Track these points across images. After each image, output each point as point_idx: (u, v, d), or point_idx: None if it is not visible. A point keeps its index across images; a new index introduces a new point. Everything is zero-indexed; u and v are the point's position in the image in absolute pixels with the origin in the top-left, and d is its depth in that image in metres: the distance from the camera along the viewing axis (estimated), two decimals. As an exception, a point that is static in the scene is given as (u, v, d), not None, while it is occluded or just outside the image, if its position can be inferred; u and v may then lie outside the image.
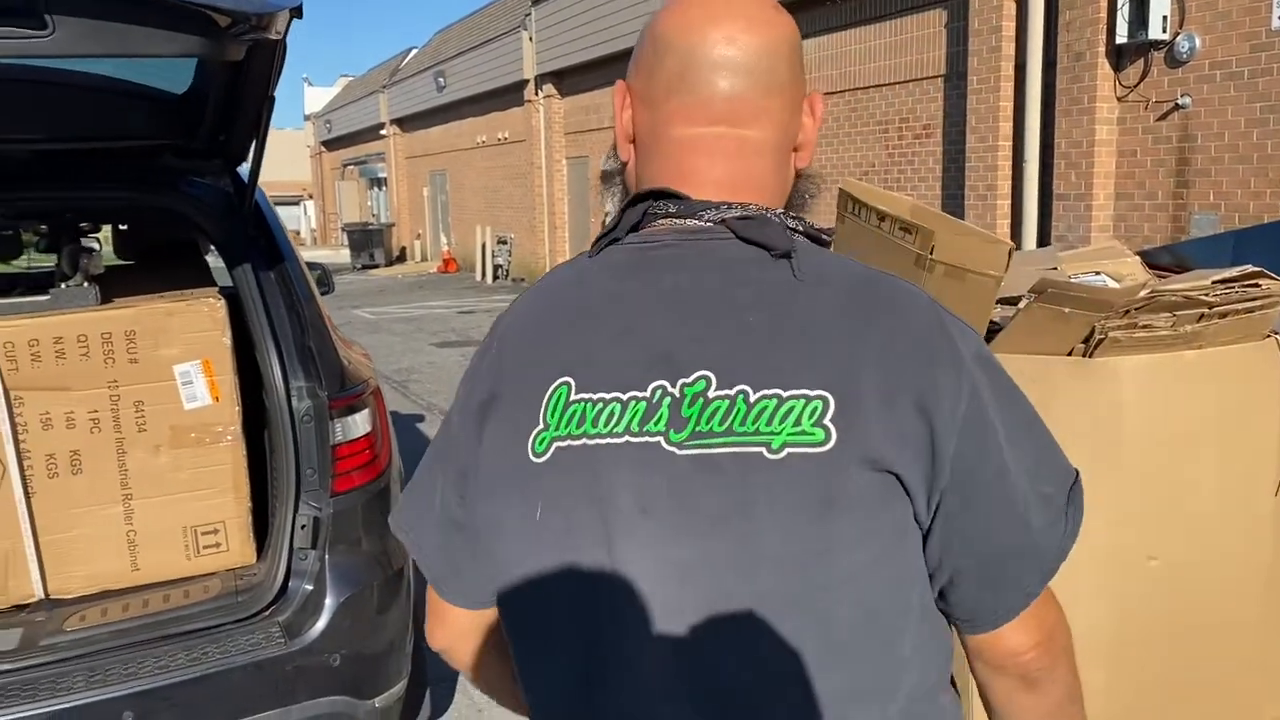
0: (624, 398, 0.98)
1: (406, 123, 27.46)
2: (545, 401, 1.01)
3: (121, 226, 4.99)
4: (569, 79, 18.06)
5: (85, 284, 2.69)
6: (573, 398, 1.00)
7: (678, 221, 1.05)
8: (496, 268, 21.28)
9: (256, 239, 2.84)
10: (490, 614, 1.17)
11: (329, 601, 2.63)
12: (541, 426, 1.01)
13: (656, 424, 0.96)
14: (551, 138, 18.79)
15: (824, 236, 1.07)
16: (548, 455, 1.00)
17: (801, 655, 0.94)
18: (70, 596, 2.70)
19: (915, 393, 0.93)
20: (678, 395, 0.96)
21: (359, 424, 2.76)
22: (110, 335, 2.61)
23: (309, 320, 2.77)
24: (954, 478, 0.94)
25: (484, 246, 21.46)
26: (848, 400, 0.93)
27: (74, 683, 2.37)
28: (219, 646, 2.51)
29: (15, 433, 2.58)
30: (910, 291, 1.00)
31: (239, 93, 2.52)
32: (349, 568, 2.69)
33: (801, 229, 1.05)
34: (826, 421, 0.92)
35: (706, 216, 1.03)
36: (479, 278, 21.55)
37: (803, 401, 0.93)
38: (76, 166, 2.80)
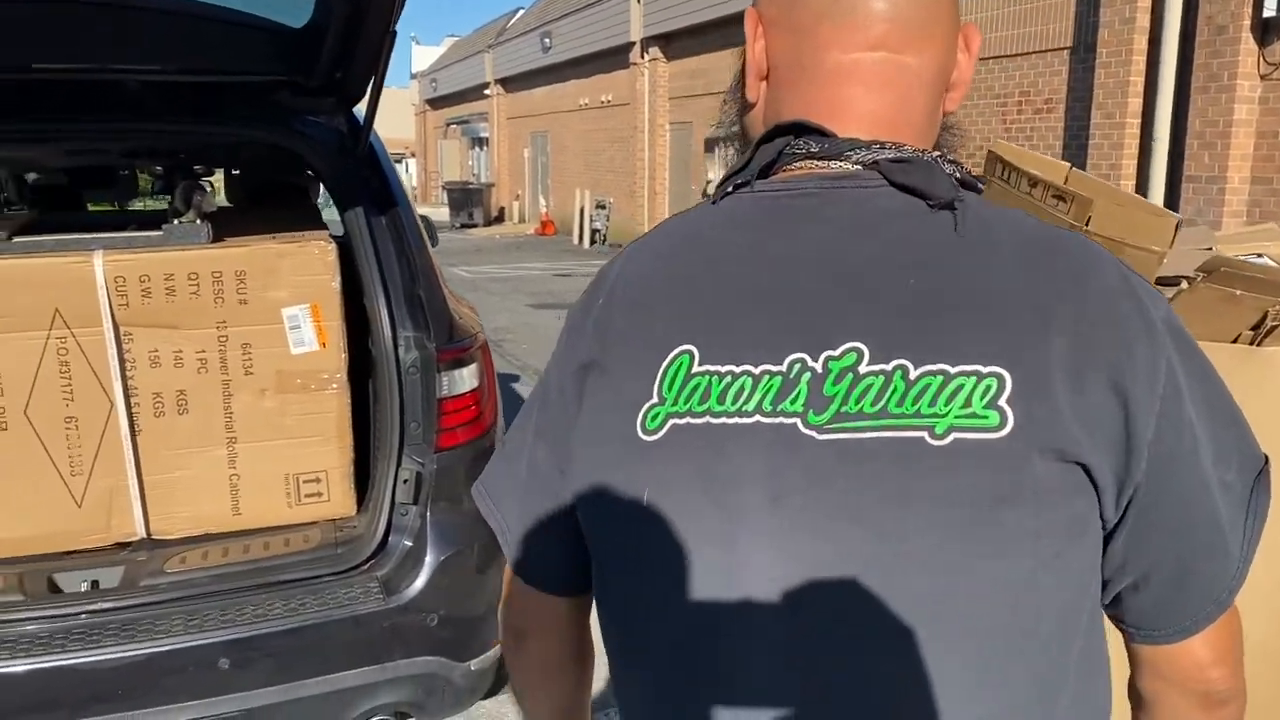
0: (755, 372, 0.85)
1: (510, 83, 27.51)
2: (661, 371, 0.88)
3: (234, 171, 5.01)
4: (676, 42, 17.82)
5: (197, 221, 2.64)
6: (695, 369, 0.87)
7: (819, 164, 0.91)
8: (594, 232, 21.23)
9: (369, 181, 2.76)
10: (576, 601, 1.06)
11: (429, 559, 2.55)
12: (655, 400, 0.88)
13: (793, 403, 0.84)
14: (655, 102, 18.61)
15: (979, 185, 0.93)
16: (661, 433, 0.87)
17: (950, 674, 0.82)
18: (171, 537, 2.67)
19: (1109, 369, 0.80)
20: (820, 370, 0.83)
21: (466, 378, 2.67)
22: (221, 274, 2.56)
23: (420, 268, 2.68)
24: (1150, 466, 0.81)
25: (582, 210, 21.41)
26: (1028, 378, 0.79)
27: (172, 625, 2.34)
28: (317, 598, 2.46)
29: (124, 369, 2.55)
30: (1094, 250, 0.87)
31: (359, 28, 2.42)
32: (450, 526, 2.61)
33: (958, 175, 0.90)
34: (1002, 403, 0.79)
35: (855, 158, 0.89)
36: (576, 241, 21.53)
37: (974, 379, 0.80)
38: (191, 100, 2.74)
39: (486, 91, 28.94)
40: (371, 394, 2.84)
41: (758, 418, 0.84)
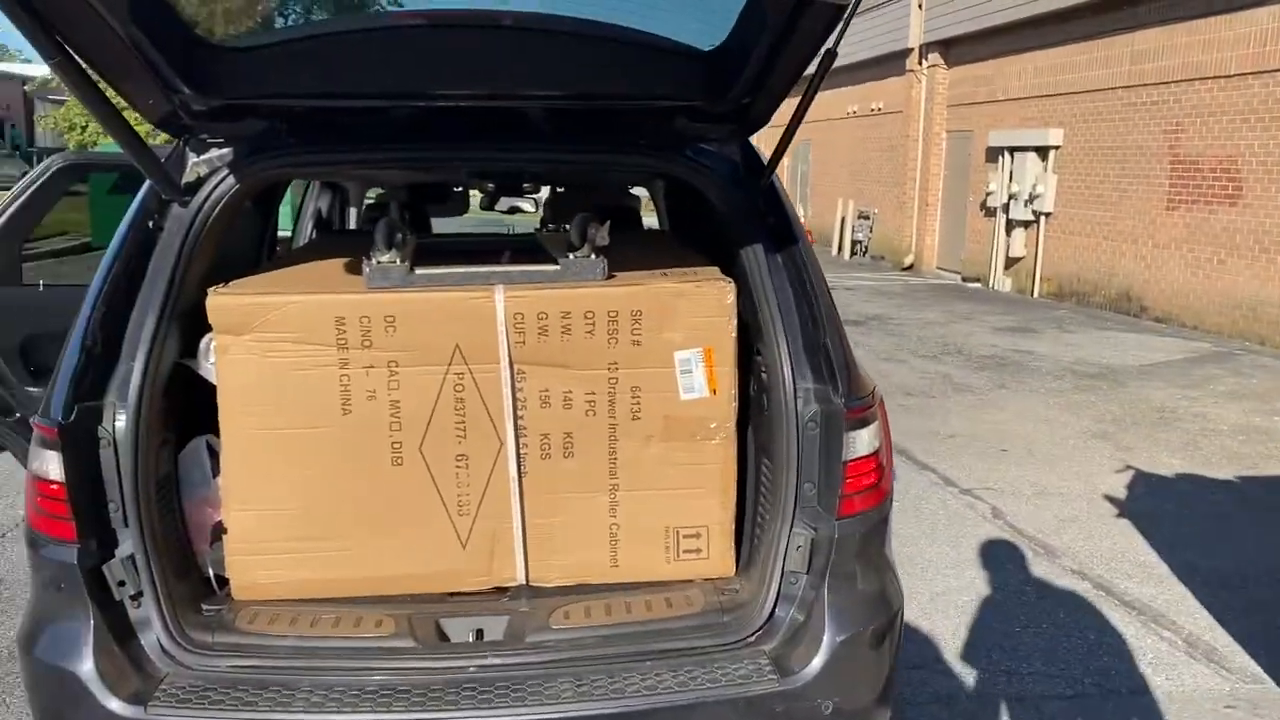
0: None
1: (773, 90, 27.24)
2: None
3: (558, 189, 4.98)
4: (958, 48, 17.00)
5: (593, 256, 2.50)
6: None
7: None
8: (855, 243, 20.65)
9: (767, 216, 2.54)
10: None
11: (826, 639, 2.30)
12: None
13: None
14: (932, 110, 17.82)
15: None
16: None
17: None
18: (548, 585, 2.56)
19: None
20: None
21: (867, 439, 2.40)
22: (616, 314, 2.41)
23: (824, 314, 2.44)
24: None
25: (844, 220, 20.88)
26: None
27: (560, 690, 2.20)
28: (707, 672, 2.26)
29: (515, 408, 2.45)
30: None
31: (781, 50, 2.21)
32: (847, 603, 2.35)
33: None
34: None
35: None
36: (835, 252, 21.01)
37: None
38: (591, 126, 2.62)
39: (748, 98, 28.81)
40: (752, 447, 2.64)
41: None
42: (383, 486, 2.46)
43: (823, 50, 2.16)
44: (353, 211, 5.82)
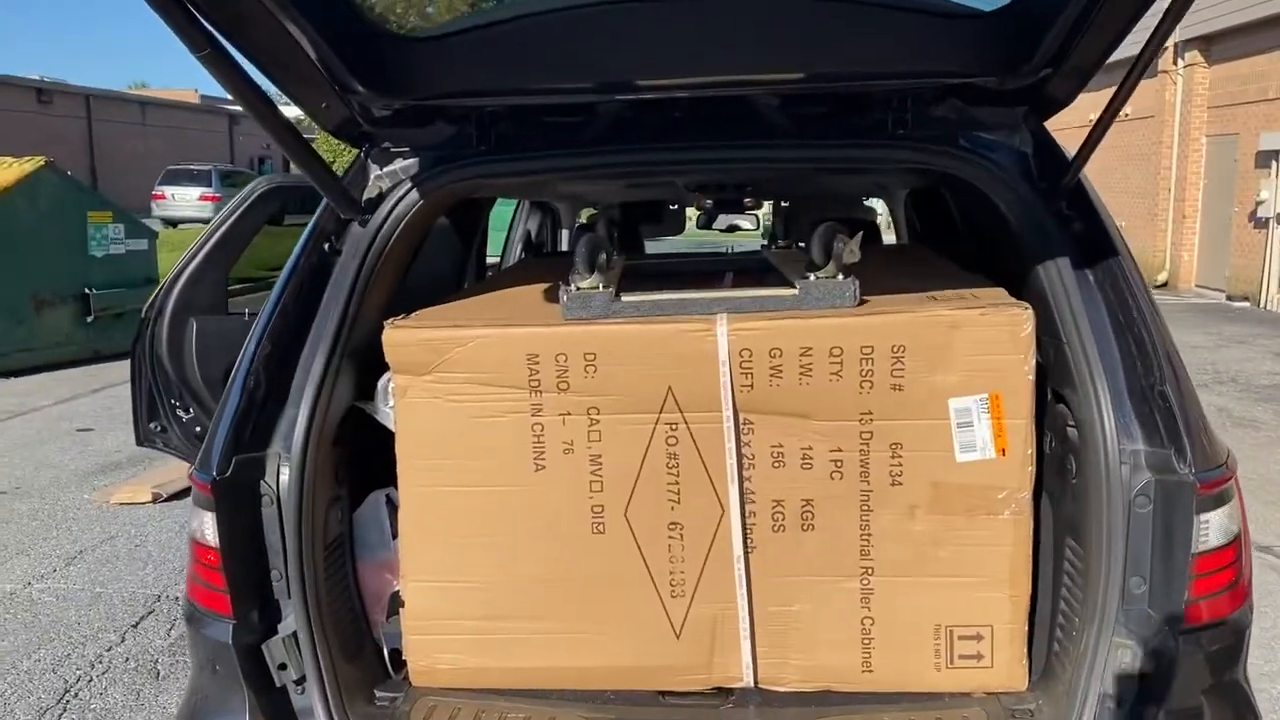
0: None
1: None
2: None
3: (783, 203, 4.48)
4: (1221, 43, 15.34)
5: (840, 277, 1.99)
6: None
7: None
8: (1099, 260, 19.07)
9: (1072, 224, 1.96)
10: None
11: None
12: None
13: None
14: (1189, 112, 16.17)
15: None
16: None
17: None
18: (782, 689, 2.05)
19: None
20: None
21: (1222, 523, 1.77)
22: (871, 350, 1.90)
23: (1159, 354, 1.83)
24: None
25: (1085, 236, 19.34)
26: None
27: None
28: None
29: (741, 468, 1.97)
30: None
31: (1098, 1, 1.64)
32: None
33: None
34: None
35: None
36: (1075, 270, 19.48)
37: None
38: (837, 115, 2.11)
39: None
40: (1050, 525, 2.04)
41: None
42: (581, 559, 2.03)
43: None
44: (564, 234, 5.50)
